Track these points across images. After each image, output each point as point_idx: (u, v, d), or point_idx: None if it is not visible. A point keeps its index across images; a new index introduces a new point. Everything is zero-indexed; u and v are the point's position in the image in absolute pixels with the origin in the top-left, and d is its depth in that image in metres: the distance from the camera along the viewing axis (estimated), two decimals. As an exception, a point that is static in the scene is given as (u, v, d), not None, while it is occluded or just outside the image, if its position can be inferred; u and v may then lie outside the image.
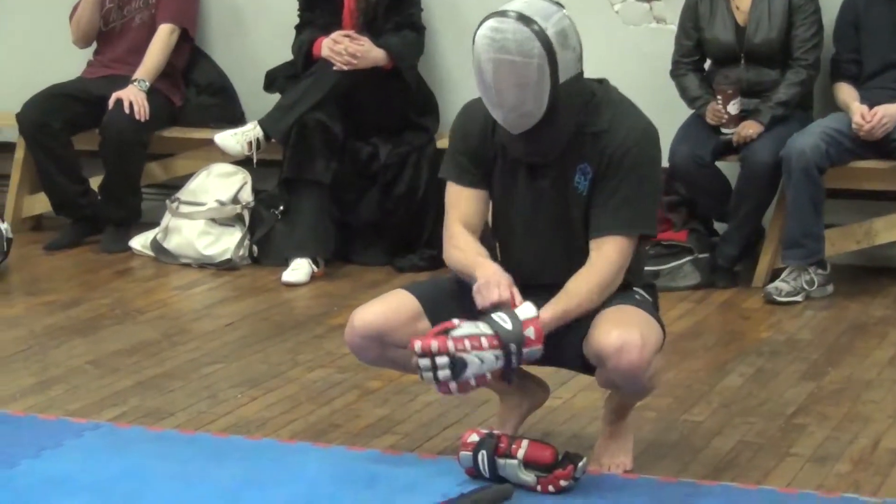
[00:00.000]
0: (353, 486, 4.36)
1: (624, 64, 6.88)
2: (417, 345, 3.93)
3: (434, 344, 3.91)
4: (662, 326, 4.29)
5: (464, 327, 3.95)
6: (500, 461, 4.15)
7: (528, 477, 4.14)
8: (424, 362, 3.93)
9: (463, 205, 4.35)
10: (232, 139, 6.90)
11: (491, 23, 4.04)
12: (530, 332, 3.96)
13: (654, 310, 4.32)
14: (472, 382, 4.00)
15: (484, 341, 3.95)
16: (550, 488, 4.12)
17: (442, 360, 3.91)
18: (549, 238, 4.28)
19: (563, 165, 4.20)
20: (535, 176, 4.25)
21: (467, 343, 3.91)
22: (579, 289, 4.09)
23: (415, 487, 4.25)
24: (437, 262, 6.48)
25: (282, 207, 7.16)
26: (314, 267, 6.85)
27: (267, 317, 6.35)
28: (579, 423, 4.82)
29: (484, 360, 3.95)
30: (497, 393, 4.64)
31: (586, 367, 4.27)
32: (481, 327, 3.97)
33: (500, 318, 3.97)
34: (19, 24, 8.03)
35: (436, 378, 3.96)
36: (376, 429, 4.87)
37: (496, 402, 4.67)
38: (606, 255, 4.11)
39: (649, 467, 4.42)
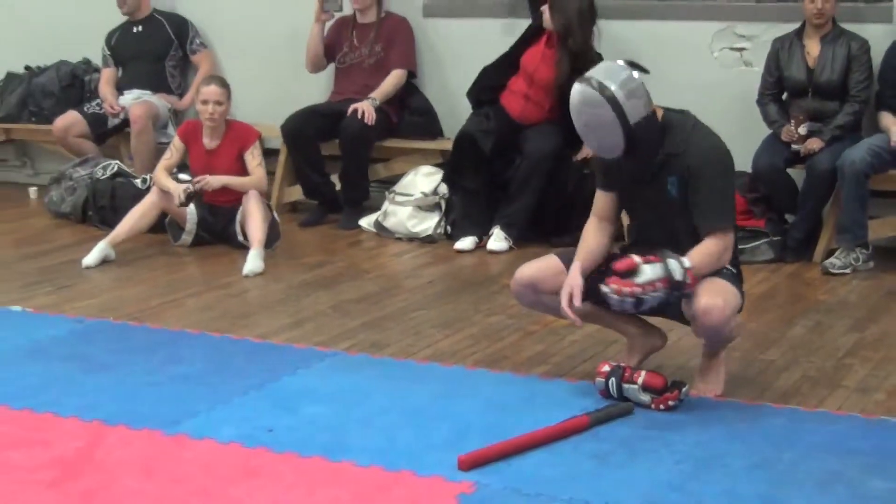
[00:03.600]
0: (518, 401, 4.42)
1: (720, 96, 6.85)
2: (613, 287, 4.10)
3: (626, 290, 4.06)
4: (742, 294, 4.34)
5: (645, 272, 4.06)
6: (625, 386, 4.20)
7: (645, 398, 4.18)
8: (616, 298, 4.09)
9: (599, 202, 4.50)
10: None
11: (575, 86, 4.19)
12: (688, 277, 4.06)
13: (737, 281, 4.34)
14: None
15: (658, 284, 4.05)
16: (661, 406, 4.18)
17: (629, 299, 4.08)
18: (655, 222, 4.41)
19: (659, 178, 4.30)
20: (642, 185, 4.35)
21: (648, 288, 4.04)
22: (703, 260, 4.18)
23: (563, 404, 4.29)
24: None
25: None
26: (477, 240, 6.86)
27: (457, 277, 6.37)
28: (684, 359, 4.80)
29: (655, 298, 4.08)
30: (625, 336, 4.67)
31: (686, 320, 4.35)
32: (657, 271, 4.06)
33: (674, 267, 4.07)
34: (276, 61, 8.13)
35: (622, 307, 4.16)
36: (535, 360, 4.91)
37: (623, 342, 4.69)
38: (710, 242, 4.22)
39: (734, 393, 4.42)
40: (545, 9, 6.83)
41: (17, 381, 4.62)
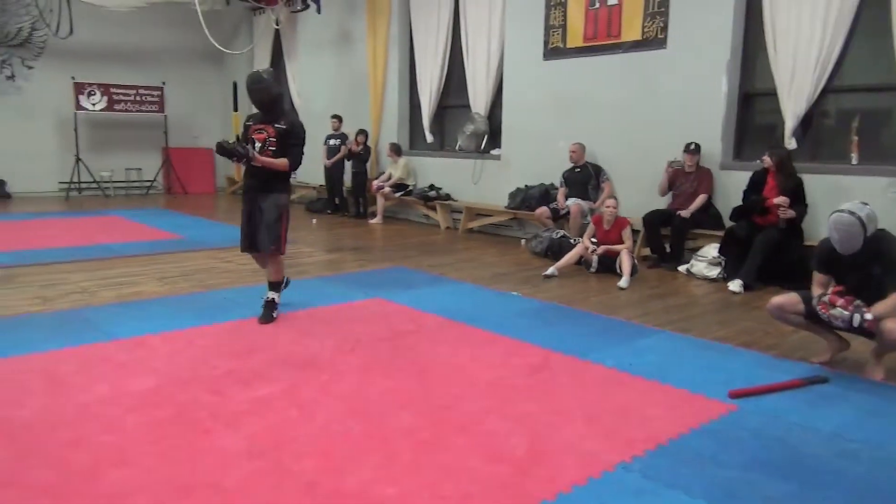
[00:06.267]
0: (760, 368, 4.02)
1: (890, 220, 5.90)
2: (819, 308, 3.74)
3: (822, 311, 3.74)
4: None
5: (834, 313, 3.65)
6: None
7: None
8: (822, 314, 3.75)
9: (819, 279, 3.95)
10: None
11: (835, 216, 3.71)
12: (865, 325, 3.66)
13: None
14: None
15: (839, 322, 3.68)
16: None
17: (824, 316, 3.74)
18: (857, 288, 3.79)
19: (868, 265, 3.76)
20: (855, 270, 3.80)
21: (834, 320, 3.68)
22: (886, 309, 3.65)
23: (787, 371, 3.92)
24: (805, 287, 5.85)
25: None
26: (743, 283, 6.18)
27: (727, 301, 5.82)
28: (860, 357, 4.14)
29: (840, 325, 3.69)
30: (825, 340, 4.14)
31: (869, 336, 3.77)
32: (844, 316, 3.67)
33: (856, 319, 3.66)
34: (643, 186, 7.79)
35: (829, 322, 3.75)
36: (771, 346, 4.44)
37: (825, 344, 4.14)
38: (892, 298, 3.65)
39: (891, 379, 3.82)
40: (765, 157, 6.41)
41: (513, 327, 4.73)
